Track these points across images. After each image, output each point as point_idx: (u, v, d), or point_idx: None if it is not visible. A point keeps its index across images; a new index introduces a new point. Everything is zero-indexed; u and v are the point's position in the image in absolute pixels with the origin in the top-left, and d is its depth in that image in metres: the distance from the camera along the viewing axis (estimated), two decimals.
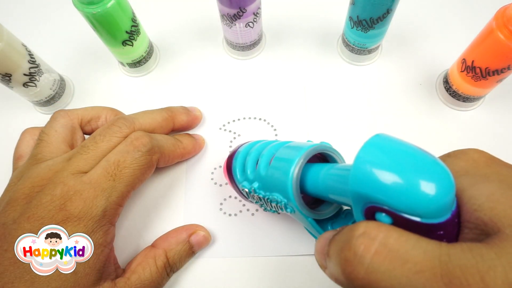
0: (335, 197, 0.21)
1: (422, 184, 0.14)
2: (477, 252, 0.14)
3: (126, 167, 0.27)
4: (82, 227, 0.25)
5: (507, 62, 0.30)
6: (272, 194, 0.24)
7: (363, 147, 0.17)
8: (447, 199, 0.15)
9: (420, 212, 0.15)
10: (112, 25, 0.34)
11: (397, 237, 0.15)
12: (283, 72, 0.41)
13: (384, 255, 0.14)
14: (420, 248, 0.14)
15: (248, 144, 0.30)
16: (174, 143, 0.32)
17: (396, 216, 0.15)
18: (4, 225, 0.25)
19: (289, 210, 0.24)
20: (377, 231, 0.15)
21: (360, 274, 0.15)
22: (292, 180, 0.22)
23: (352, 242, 0.15)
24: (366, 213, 0.17)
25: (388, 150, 0.16)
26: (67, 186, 0.26)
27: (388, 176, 0.15)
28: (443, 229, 0.15)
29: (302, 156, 0.22)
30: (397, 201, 0.15)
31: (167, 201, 0.35)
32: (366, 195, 0.16)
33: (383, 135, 0.17)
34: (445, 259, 0.14)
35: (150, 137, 0.29)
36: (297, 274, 0.32)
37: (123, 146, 0.28)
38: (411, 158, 0.15)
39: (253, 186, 0.26)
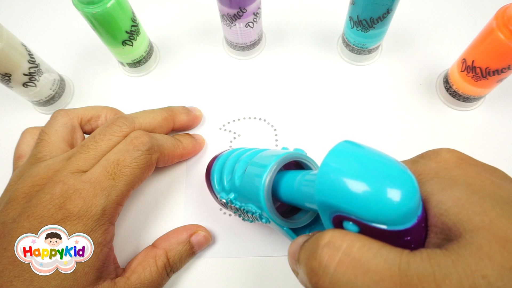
0: (309, 205, 0.21)
1: (386, 192, 0.14)
2: (435, 260, 0.14)
3: (125, 166, 0.27)
4: (81, 226, 0.25)
5: (507, 62, 0.30)
6: (247, 205, 0.24)
7: (327, 155, 0.17)
8: (411, 205, 0.15)
9: (385, 220, 0.15)
10: (112, 25, 0.34)
11: (360, 246, 0.15)
12: (283, 72, 0.41)
13: (347, 265, 0.15)
14: (381, 257, 0.14)
15: (226, 152, 0.30)
16: (174, 143, 0.32)
17: (363, 225, 0.15)
18: (4, 224, 0.25)
19: (264, 220, 0.24)
20: (341, 241, 0.15)
21: (325, 284, 0.15)
22: (264, 191, 0.22)
23: (318, 252, 0.15)
24: (334, 221, 0.17)
25: (352, 158, 0.16)
26: (66, 185, 0.26)
27: (352, 185, 0.15)
28: (409, 235, 0.15)
29: (274, 165, 0.22)
30: (362, 210, 0.15)
31: (167, 201, 0.35)
32: (331, 204, 0.16)
33: (348, 142, 0.17)
34: (404, 267, 0.14)
35: (150, 136, 0.29)
36: None
37: (123, 145, 0.28)
38: (375, 166, 0.15)
39: (229, 197, 0.26)
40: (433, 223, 0.16)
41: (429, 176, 0.17)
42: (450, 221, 0.15)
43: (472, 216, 0.14)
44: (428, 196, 0.16)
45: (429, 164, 0.17)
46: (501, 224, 0.14)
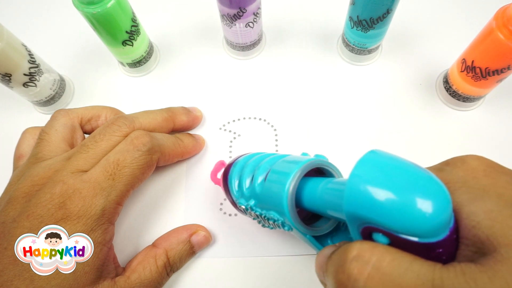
0: (332, 213, 0.21)
1: (418, 204, 0.14)
2: (470, 276, 0.13)
3: (125, 166, 0.27)
4: (81, 226, 0.25)
5: (507, 62, 0.30)
6: (268, 212, 0.24)
7: (357, 165, 0.16)
8: (444, 217, 0.14)
9: (417, 232, 0.14)
10: (112, 25, 0.34)
11: (390, 261, 0.14)
12: (283, 72, 0.41)
13: (377, 280, 0.14)
14: (413, 272, 0.14)
15: (244, 157, 0.29)
16: (174, 142, 0.32)
17: (393, 237, 0.15)
18: (4, 223, 0.25)
19: (286, 228, 0.23)
20: (371, 254, 0.15)
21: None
22: (287, 199, 0.22)
23: (346, 266, 0.15)
24: (363, 232, 0.17)
25: (382, 169, 0.16)
26: (66, 184, 0.26)
27: (382, 197, 0.15)
28: (441, 247, 0.15)
29: (297, 173, 0.22)
30: (393, 221, 0.15)
31: (167, 201, 0.35)
32: (361, 216, 0.16)
33: (377, 151, 0.17)
34: (438, 283, 0.13)
35: (150, 136, 0.29)
36: (297, 274, 0.32)
37: (123, 145, 0.28)
38: (406, 177, 0.15)
39: (249, 204, 0.26)
40: (464, 235, 0.15)
41: (457, 186, 0.16)
42: (483, 234, 0.15)
43: (506, 230, 0.14)
44: (458, 206, 0.16)
45: (456, 172, 0.17)
46: None
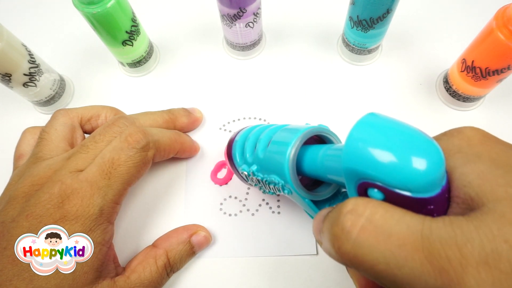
0: (332, 177, 0.22)
1: (413, 159, 0.15)
2: (457, 225, 0.14)
3: (120, 165, 0.27)
4: (79, 226, 0.25)
5: (507, 62, 0.30)
6: (270, 176, 0.25)
7: (355, 124, 0.17)
8: (437, 174, 0.15)
9: (410, 187, 0.15)
10: (112, 25, 0.34)
11: (383, 213, 0.15)
12: (283, 72, 0.41)
13: (370, 231, 0.15)
14: (404, 223, 0.15)
15: (247, 129, 0.30)
16: (170, 137, 0.32)
17: (388, 192, 0.16)
18: (3, 223, 0.25)
19: (286, 191, 0.24)
20: (364, 208, 0.15)
21: (347, 249, 0.15)
22: (288, 161, 0.23)
23: (340, 219, 0.16)
24: (359, 189, 0.17)
25: (380, 127, 0.16)
26: (64, 184, 0.26)
27: (379, 151, 0.15)
28: (433, 204, 0.15)
29: (299, 138, 0.23)
30: (388, 176, 0.15)
31: (167, 201, 0.35)
32: (358, 171, 0.16)
33: (376, 113, 0.17)
34: (427, 233, 0.14)
35: (145, 133, 0.29)
36: (297, 274, 0.32)
37: (118, 142, 0.28)
38: (403, 135, 0.16)
39: (251, 169, 0.26)
40: (455, 194, 0.16)
41: (452, 152, 0.17)
42: (473, 192, 0.15)
43: (495, 188, 0.15)
44: (451, 170, 0.16)
45: (452, 141, 0.18)
46: None
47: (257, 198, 0.34)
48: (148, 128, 0.30)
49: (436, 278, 0.13)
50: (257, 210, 0.34)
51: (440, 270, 0.13)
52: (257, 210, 0.34)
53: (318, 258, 0.32)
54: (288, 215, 0.33)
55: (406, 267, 0.14)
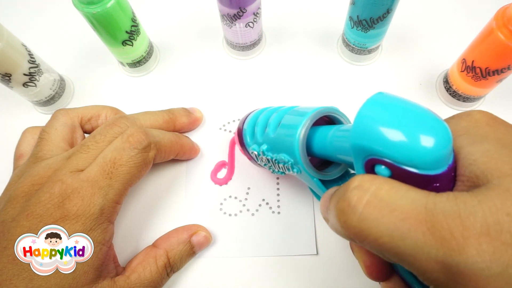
0: (340, 157, 0.22)
1: (421, 136, 0.15)
2: (461, 199, 0.14)
3: (122, 165, 0.27)
4: (80, 225, 0.25)
5: (507, 62, 0.30)
6: (279, 154, 0.25)
7: (365, 103, 0.17)
8: (444, 151, 0.15)
9: (417, 163, 0.15)
10: (112, 25, 0.34)
11: (388, 189, 0.15)
12: (283, 72, 0.41)
13: (375, 205, 0.15)
14: (408, 198, 0.15)
15: (256, 112, 0.31)
16: (171, 138, 0.32)
17: (395, 168, 0.16)
18: (3, 222, 0.25)
19: (295, 170, 0.25)
20: (370, 184, 0.16)
21: (353, 222, 0.16)
22: (298, 140, 0.23)
23: (347, 194, 0.16)
24: (366, 166, 0.17)
25: (389, 105, 0.17)
26: (65, 184, 0.26)
27: (388, 128, 0.16)
28: (439, 181, 0.16)
29: (310, 117, 0.23)
30: (396, 152, 0.15)
31: (167, 201, 0.35)
32: (366, 147, 0.17)
33: (384, 92, 0.18)
34: (431, 207, 0.14)
35: (146, 134, 0.29)
36: (297, 274, 0.32)
37: (119, 142, 0.28)
38: (412, 113, 0.16)
39: (261, 148, 0.27)
40: (461, 172, 0.16)
41: (459, 133, 0.17)
42: (478, 169, 0.15)
43: (500, 165, 0.15)
44: (458, 150, 0.17)
45: (460, 123, 0.18)
46: None
47: (257, 198, 0.34)
48: (149, 130, 0.30)
49: (438, 248, 0.14)
50: (257, 210, 0.34)
51: (442, 241, 0.14)
52: (257, 210, 0.34)
53: (318, 258, 0.32)
54: (288, 215, 0.33)
55: (409, 239, 0.14)
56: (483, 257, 0.13)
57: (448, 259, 0.14)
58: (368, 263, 0.22)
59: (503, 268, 0.13)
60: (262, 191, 0.34)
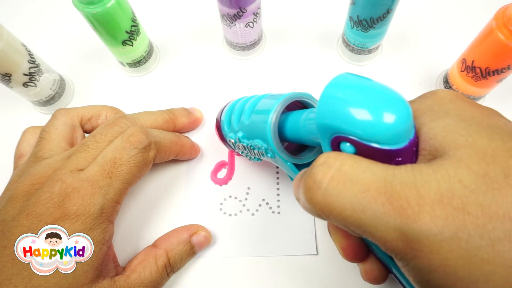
0: (312, 139, 0.22)
1: (382, 112, 0.16)
2: (418, 170, 0.15)
3: (122, 164, 0.27)
4: (80, 225, 0.25)
5: (507, 62, 0.30)
6: (253, 140, 0.26)
7: (328, 83, 0.18)
8: (404, 126, 0.16)
9: (379, 139, 0.16)
10: (112, 25, 0.34)
11: (351, 163, 0.16)
12: (283, 72, 0.41)
13: (338, 180, 0.16)
14: (370, 171, 0.15)
15: (233, 101, 0.31)
16: (171, 139, 0.32)
17: (359, 144, 0.16)
18: (3, 222, 0.25)
19: (269, 155, 0.25)
20: (335, 160, 0.16)
21: (319, 198, 0.16)
22: (270, 124, 0.24)
23: (313, 171, 0.17)
24: (332, 144, 0.18)
25: (352, 85, 0.17)
26: (65, 183, 0.26)
27: (351, 106, 0.16)
28: (401, 156, 0.16)
29: (280, 102, 0.24)
30: (359, 128, 0.16)
31: (167, 201, 0.35)
32: (330, 126, 0.17)
33: (347, 73, 0.18)
34: (390, 178, 0.15)
35: (147, 134, 0.29)
36: (297, 274, 0.32)
37: (120, 142, 0.28)
38: (373, 90, 0.17)
39: (237, 136, 0.27)
40: (422, 147, 0.17)
41: (424, 111, 0.18)
42: (437, 143, 0.16)
43: (457, 137, 0.16)
44: (421, 126, 0.17)
45: (425, 101, 0.18)
46: (483, 142, 0.15)
47: (257, 198, 0.34)
48: (150, 130, 0.30)
49: (395, 217, 0.14)
50: (257, 210, 0.34)
51: (399, 210, 0.14)
52: (257, 210, 0.34)
53: (318, 258, 0.32)
54: (288, 215, 0.33)
55: (370, 210, 0.15)
56: (436, 223, 0.14)
57: (405, 227, 0.14)
58: (344, 245, 0.23)
59: (454, 232, 0.13)
60: (262, 191, 0.34)
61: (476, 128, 0.16)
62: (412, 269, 0.15)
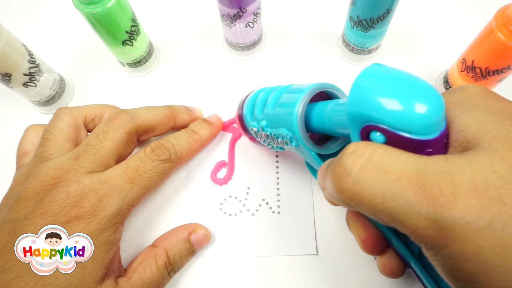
0: (338, 129, 0.22)
1: (415, 102, 0.16)
2: (451, 160, 0.15)
3: (145, 172, 0.28)
4: (95, 224, 0.26)
5: (507, 62, 0.30)
6: (278, 129, 0.26)
7: (361, 72, 0.18)
8: (437, 117, 0.16)
9: (411, 128, 0.16)
10: (112, 25, 0.34)
11: (382, 153, 0.16)
12: (283, 72, 0.41)
13: (368, 168, 0.16)
14: (401, 161, 0.16)
15: (253, 94, 0.31)
16: (190, 141, 0.33)
17: (389, 134, 0.16)
18: (14, 221, 0.25)
19: (294, 144, 0.25)
20: (365, 149, 0.16)
21: (348, 186, 0.16)
22: (297, 114, 0.24)
23: (342, 159, 0.17)
24: (362, 134, 0.18)
25: (385, 74, 0.17)
26: (82, 184, 0.26)
27: (384, 94, 0.16)
28: (431, 147, 0.16)
29: (308, 92, 0.24)
30: (391, 117, 0.16)
31: (168, 201, 0.35)
32: (362, 114, 0.17)
33: (377, 63, 0.18)
34: (422, 168, 0.15)
35: (171, 144, 0.31)
36: (297, 274, 0.32)
37: (142, 154, 0.29)
38: (407, 81, 0.17)
39: (261, 124, 0.28)
40: (453, 139, 0.17)
41: (453, 105, 0.18)
42: (469, 134, 0.16)
43: (490, 130, 0.16)
44: (451, 119, 0.17)
45: (454, 96, 0.19)
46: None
47: (257, 198, 0.34)
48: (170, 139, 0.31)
49: (428, 205, 0.14)
50: (257, 210, 0.34)
51: (432, 198, 0.14)
52: (257, 210, 0.34)
53: (318, 258, 0.32)
54: (288, 215, 0.33)
55: (401, 198, 0.15)
56: (470, 212, 0.14)
57: (438, 216, 0.14)
58: (363, 237, 0.23)
59: (489, 221, 0.13)
60: (262, 191, 0.34)
61: (509, 121, 0.16)
62: (443, 257, 0.15)
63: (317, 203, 0.33)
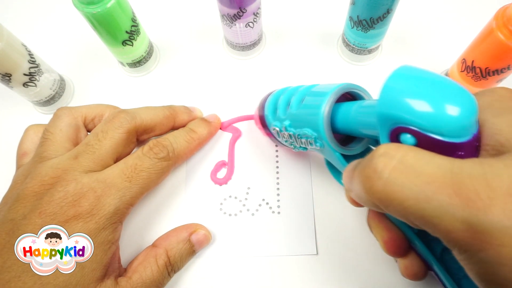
0: (364, 131, 0.22)
1: (448, 104, 0.15)
2: (487, 163, 0.15)
3: (143, 170, 0.28)
4: (93, 224, 0.26)
5: (507, 62, 0.30)
6: (302, 129, 0.26)
7: (391, 74, 0.18)
8: (470, 120, 0.16)
9: (443, 131, 0.16)
10: (112, 25, 0.34)
11: (414, 155, 0.16)
12: (283, 72, 0.41)
13: (401, 170, 0.16)
14: (434, 163, 0.15)
15: (277, 91, 0.31)
16: (188, 140, 0.33)
17: (421, 136, 0.16)
18: (13, 220, 0.25)
19: (318, 144, 0.25)
20: (396, 151, 0.16)
21: (379, 187, 0.16)
22: (323, 114, 0.24)
23: (373, 161, 0.16)
24: (392, 135, 0.18)
25: (416, 76, 0.17)
26: (80, 183, 0.26)
27: (415, 96, 0.16)
28: (463, 150, 0.16)
29: (334, 93, 0.24)
30: (423, 119, 0.16)
31: (168, 201, 0.35)
32: (393, 116, 0.17)
33: (408, 65, 0.18)
34: (457, 171, 0.15)
35: (169, 142, 0.30)
36: (297, 274, 0.32)
37: (140, 152, 0.29)
38: (439, 82, 0.16)
39: (284, 124, 0.27)
40: (485, 142, 0.17)
41: (483, 107, 0.18)
42: (503, 138, 0.16)
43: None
44: (483, 122, 0.17)
45: (484, 98, 0.18)
46: None
47: (257, 198, 0.34)
48: (168, 137, 0.31)
49: (463, 209, 0.14)
50: (257, 210, 0.34)
51: (468, 202, 0.14)
52: (257, 210, 0.34)
53: (318, 258, 0.32)
54: (288, 215, 0.33)
55: (435, 201, 0.15)
56: (508, 216, 0.13)
57: (474, 219, 0.14)
58: (386, 239, 0.23)
59: None
60: (262, 191, 0.34)
61: None
62: (478, 261, 0.14)
63: (317, 203, 0.33)
